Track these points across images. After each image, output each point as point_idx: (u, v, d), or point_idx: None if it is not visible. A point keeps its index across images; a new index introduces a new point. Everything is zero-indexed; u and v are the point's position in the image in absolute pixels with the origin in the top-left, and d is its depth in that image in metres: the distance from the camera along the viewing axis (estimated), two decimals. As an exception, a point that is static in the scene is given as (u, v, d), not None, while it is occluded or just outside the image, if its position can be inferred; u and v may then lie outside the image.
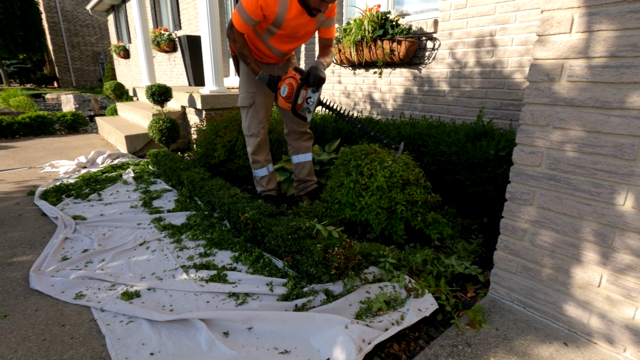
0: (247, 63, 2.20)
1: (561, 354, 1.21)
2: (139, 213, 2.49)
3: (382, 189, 1.90)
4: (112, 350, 1.27)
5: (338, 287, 1.56)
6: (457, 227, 2.12)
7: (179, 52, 7.46)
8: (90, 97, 7.47)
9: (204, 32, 3.86)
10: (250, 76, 2.33)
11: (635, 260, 1.12)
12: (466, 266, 1.71)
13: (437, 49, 3.08)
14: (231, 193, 2.29)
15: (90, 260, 1.88)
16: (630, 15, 1.03)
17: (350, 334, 1.22)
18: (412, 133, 2.64)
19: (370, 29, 3.24)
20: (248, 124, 2.41)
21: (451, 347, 1.25)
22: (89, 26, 19.48)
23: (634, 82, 1.04)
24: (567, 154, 1.21)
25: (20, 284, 1.69)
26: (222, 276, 1.71)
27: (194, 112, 4.29)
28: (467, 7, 2.79)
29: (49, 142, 4.97)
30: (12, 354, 1.27)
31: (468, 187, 2.28)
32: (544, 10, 1.20)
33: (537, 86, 1.24)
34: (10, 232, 2.22)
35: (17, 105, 7.27)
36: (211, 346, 1.27)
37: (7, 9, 14.49)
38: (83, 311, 1.49)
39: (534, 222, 1.34)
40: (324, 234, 1.65)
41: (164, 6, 8.37)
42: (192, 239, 2.11)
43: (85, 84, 19.98)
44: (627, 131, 1.08)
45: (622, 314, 1.18)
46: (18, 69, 18.72)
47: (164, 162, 3.22)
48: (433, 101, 3.23)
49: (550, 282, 1.34)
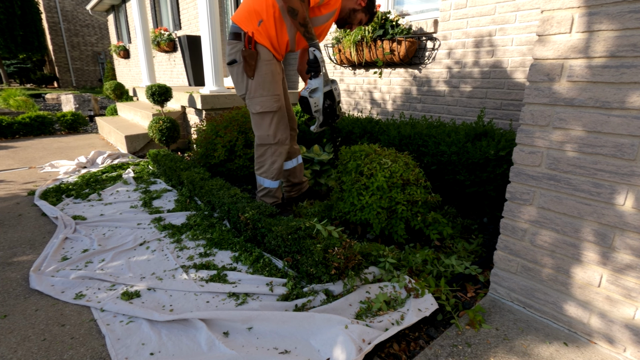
0: (310, 33, 1.94)
1: (561, 354, 1.21)
2: (139, 213, 2.49)
3: (382, 189, 1.90)
4: (112, 350, 1.27)
5: (338, 287, 1.56)
6: (457, 227, 2.12)
7: (179, 52, 7.46)
8: (90, 97, 7.47)
9: (204, 32, 3.86)
10: (275, 76, 2.09)
11: (635, 260, 1.12)
12: (466, 266, 1.71)
13: (437, 49, 3.08)
14: (231, 193, 2.29)
15: (90, 260, 1.88)
16: (630, 15, 1.03)
17: (350, 334, 1.22)
18: (412, 133, 2.64)
19: (370, 29, 3.25)
20: (274, 131, 2.13)
21: (451, 347, 1.25)
22: (89, 26, 19.49)
23: (634, 82, 1.04)
24: (567, 154, 1.21)
25: (20, 284, 1.69)
26: (222, 276, 1.71)
27: (194, 112, 4.29)
28: (467, 7, 2.79)
29: (49, 142, 4.97)
30: (12, 354, 1.27)
31: (468, 187, 2.29)
32: (544, 10, 1.20)
33: (537, 86, 1.24)
34: (10, 232, 2.22)
35: (17, 105, 7.27)
36: (211, 346, 1.27)
37: (7, 9, 14.49)
38: (83, 311, 1.49)
39: (534, 222, 1.34)
40: (324, 234, 1.65)
41: (164, 6, 8.38)
42: (192, 239, 2.11)
43: (85, 84, 19.98)
44: (627, 131, 1.08)
45: (622, 313, 1.18)
46: (18, 69, 18.73)
47: (164, 162, 3.23)
48: (433, 101, 3.23)
49: (550, 282, 1.34)
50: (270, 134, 2.14)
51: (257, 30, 1.99)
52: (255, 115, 2.15)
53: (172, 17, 7.84)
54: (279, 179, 2.27)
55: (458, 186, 2.37)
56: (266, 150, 2.19)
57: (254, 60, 2.02)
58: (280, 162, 2.21)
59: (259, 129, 2.17)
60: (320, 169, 2.82)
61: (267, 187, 2.28)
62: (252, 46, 2.00)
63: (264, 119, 2.13)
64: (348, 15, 2.14)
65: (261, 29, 1.99)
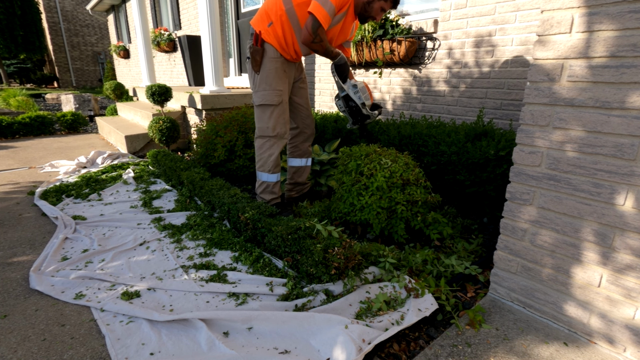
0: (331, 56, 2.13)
1: (561, 354, 1.21)
2: (139, 213, 2.49)
3: (382, 189, 1.90)
4: (112, 350, 1.27)
5: (338, 287, 1.56)
6: (457, 227, 2.12)
7: (179, 52, 7.46)
8: (90, 97, 7.47)
9: (204, 32, 3.87)
10: (279, 73, 2.18)
11: (635, 260, 1.12)
12: (466, 266, 1.71)
13: (437, 49, 3.08)
14: (231, 193, 2.29)
15: (90, 260, 1.88)
16: (630, 15, 1.03)
17: (350, 334, 1.22)
18: (412, 133, 2.64)
19: (370, 29, 3.24)
20: (273, 124, 2.20)
21: (451, 347, 1.25)
22: (89, 26, 19.48)
23: (634, 82, 1.04)
24: (567, 154, 1.21)
25: (20, 284, 1.69)
26: (222, 276, 1.71)
27: (194, 112, 4.29)
28: (467, 7, 2.79)
29: (49, 142, 4.97)
30: (12, 354, 1.27)
31: (468, 187, 2.29)
32: (544, 10, 1.20)
33: (537, 86, 1.24)
34: (10, 232, 2.22)
35: (17, 105, 7.27)
36: (211, 346, 1.27)
37: (7, 9, 14.48)
38: (83, 311, 1.49)
39: (534, 222, 1.34)
40: (324, 234, 1.65)
41: (164, 6, 8.38)
42: (192, 239, 2.11)
43: (85, 84, 19.98)
44: (627, 131, 1.08)
45: (622, 313, 1.18)
46: (18, 69, 18.73)
47: (164, 162, 3.23)
48: (433, 101, 3.23)
49: (550, 282, 1.34)
50: (270, 126, 2.21)
51: (265, 30, 2.12)
52: (257, 107, 2.24)
53: (172, 17, 7.84)
54: (275, 172, 2.31)
55: (458, 186, 2.37)
56: (264, 142, 2.27)
57: (259, 57, 2.15)
58: (276, 155, 2.27)
59: (259, 121, 2.26)
60: (320, 169, 2.82)
61: (264, 182, 2.33)
62: (259, 43, 2.12)
63: (264, 112, 2.22)
64: (364, 9, 2.11)
65: (270, 30, 2.12)
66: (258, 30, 2.12)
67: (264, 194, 2.35)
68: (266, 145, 2.26)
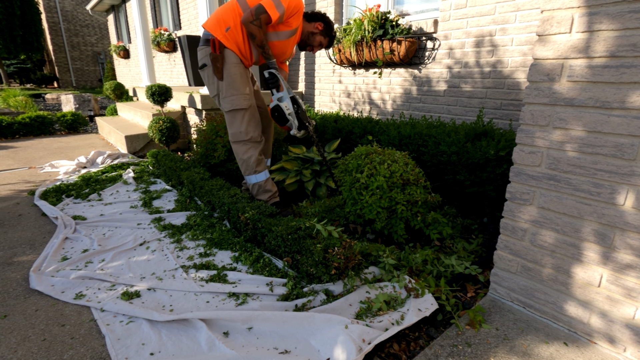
0: (267, 53, 2.16)
1: (561, 354, 1.21)
2: (139, 213, 2.49)
3: (382, 188, 1.90)
4: (112, 350, 1.27)
5: (338, 287, 1.56)
6: (457, 227, 2.12)
7: (179, 52, 7.46)
8: (90, 97, 7.47)
9: (204, 32, 3.86)
10: (244, 77, 2.26)
11: (635, 260, 1.12)
12: (466, 266, 1.71)
13: (437, 49, 3.08)
14: (231, 193, 2.29)
15: (90, 260, 1.88)
16: (630, 15, 1.03)
17: (351, 334, 1.22)
18: (412, 133, 2.64)
19: (370, 29, 3.24)
20: (245, 128, 2.28)
21: (451, 347, 1.25)
22: (89, 26, 19.49)
23: (634, 82, 1.04)
24: (567, 153, 1.21)
25: (20, 284, 1.69)
26: (222, 276, 1.71)
27: (194, 112, 4.29)
28: (467, 7, 2.79)
29: (49, 142, 4.97)
30: (12, 354, 1.27)
31: (468, 187, 2.29)
32: (544, 10, 1.20)
33: (537, 86, 1.24)
34: (10, 232, 2.22)
35: (17, 106, 7.27)
36: (211, 346, 1.27)
37: (7, 9, 14.49)
38: (83, 311, 1.49)
39: (534, 222, 1.34)
40: (324, 234, 1.65)
41: (164, 6, 8.38)
42: (192, 239, 2.11)
43: (85, 84, 19.98)
44: (627, 131, 1.08)
45: (622, 313, 1.18)
46: (18, 69, 18.73)
47: (164, 162, 3.22)
48: (433, 101, 3.23)
49: (550, 282, 1.34)
50: (243, 130, 2.28)
51: (224, 35, 2.16)
52: (228, 113, 2.30)
53: (172, 17, 7.84)
54: (260, 170, 2.36)
55: (458, 186, 2.37)
56: (240, 147, 2.34)
57: (220, 63, 2.20)
58: (255, 156, 2.34)
59: (231, 127, 2.32)
60: (320, 169, 2.82)
61: (255, 183, 2.38)
62: (218, 50, 2.17)
63: (235, 117, 2.28)
64: (307, 37, 2.36)
65: (229, 35, 2.17)
66: (217, 36, 2.15)
67: (260, 195, 2.40)
68: (242, 149, 2.33)
